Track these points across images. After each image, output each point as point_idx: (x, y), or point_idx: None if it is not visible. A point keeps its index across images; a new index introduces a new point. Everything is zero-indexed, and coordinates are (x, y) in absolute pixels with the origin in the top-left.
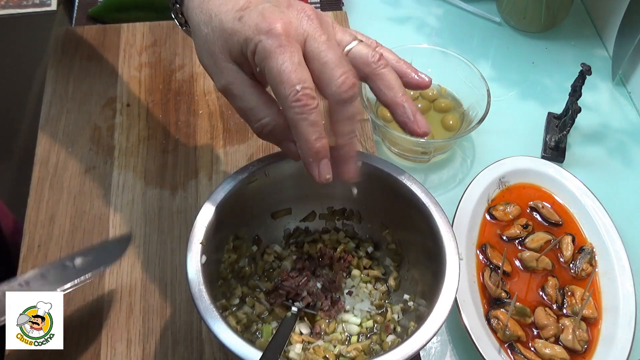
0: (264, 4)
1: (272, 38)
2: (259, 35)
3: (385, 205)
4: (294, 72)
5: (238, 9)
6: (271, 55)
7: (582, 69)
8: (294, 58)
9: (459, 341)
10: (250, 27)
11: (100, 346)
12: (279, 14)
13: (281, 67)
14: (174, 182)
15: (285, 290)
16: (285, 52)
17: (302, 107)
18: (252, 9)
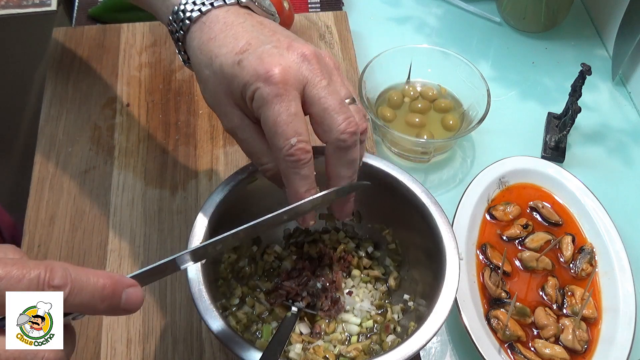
0: (263, 46)
1: (270, 86)
2: (257, 82)
3: (385, 205)
4: (290, 123)
5: (237, 51)
6: (268, 104)
7: (582, 69)
8: (291, 109)
9: (459, 341)
10: (248, 72)
11: (100, 346)
12: (278, 57)
13: (277, 118)
14: (174, 182)
15: (285, 290)
16: (282, 101)
17: (295, 162)
18: (252, 52)
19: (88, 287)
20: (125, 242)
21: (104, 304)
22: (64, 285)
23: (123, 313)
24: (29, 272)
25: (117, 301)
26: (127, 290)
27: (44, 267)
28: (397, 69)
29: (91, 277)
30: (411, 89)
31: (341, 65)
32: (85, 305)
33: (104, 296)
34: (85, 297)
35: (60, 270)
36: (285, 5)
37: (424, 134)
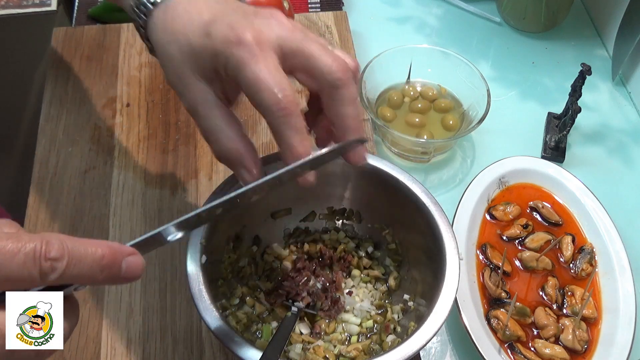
0: (230, 16)
1: (244, 48)
2: (230, 48)
3: (385, 205)
4: (272, 78)
5: (204, 24)
6: (245, 66)
7: (582, 69)
8: (269, 65)
9: (459, 341)
10: (219, 40)
11: (100, 346)
12: (247, 23)
13: (258, 75)
14: (173, 182)
15: (285, 290)
16: (259, 60)
17: (286, 115)
18: (219, 22)
19: (86, 258)
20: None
21: (103, 274)
22: (61, 258)
23: (124, 281)
24: (24, 246)
25: (117, 270)
26: (127, 259)
27: (39, 240)
28: (397, 69)
29: (89, 247)
30: (411, 89)
31: None
32: (84, 276)
33: (103, 266)
34: (83, 268)
35: (56, 242)
36: (285, 5)
37: (424, 134)
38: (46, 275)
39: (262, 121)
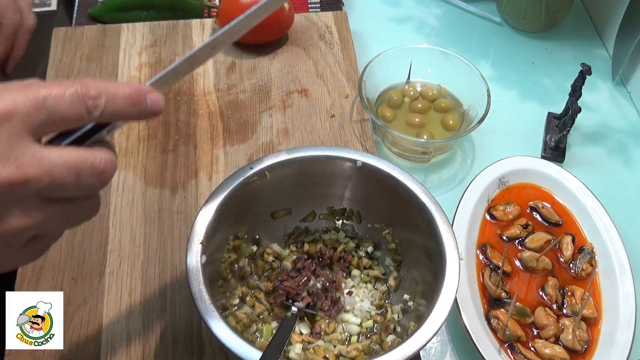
0: None
1: None
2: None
3: (385, 205)
4: None
5: None
6: None
7: (582, 69)
8: None
9: (459, 341)
10: None
11: (100, 346)
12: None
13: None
14: (174, 182)
15: (285, 290)
16: None
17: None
18: None
19: (119, 95)
20: (125, 242)
21: (135, 109)
22: (99, 96)
23: (151, 116)
24: (67, 89)
25: (145, 105)
26: (149, 95)
27: (78, 84)
28: (397, 69)
29: (118, 87)
30: (411, 89)
31: (341, 65)
32: (120, 112)
33: (133, 102)
34: (118, 104)
35: (92, 83)
36: (285, 5)
37: (424, 134)
38: (91, 112)
39: (262, 121)
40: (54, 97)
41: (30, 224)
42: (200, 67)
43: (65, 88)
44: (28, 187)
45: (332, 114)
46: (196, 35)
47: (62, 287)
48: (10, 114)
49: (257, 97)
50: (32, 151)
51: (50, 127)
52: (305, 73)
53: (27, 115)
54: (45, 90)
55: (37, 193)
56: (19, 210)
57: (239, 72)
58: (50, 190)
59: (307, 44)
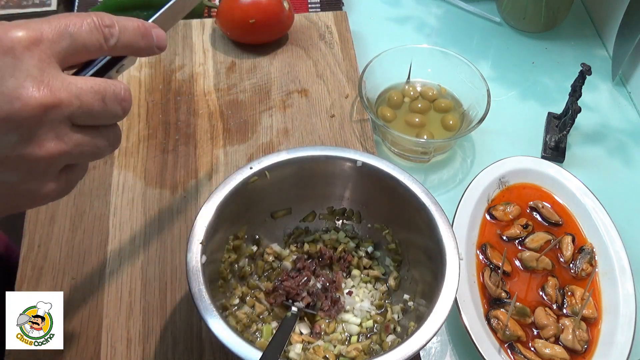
0: None
1: None
2: None
3: (385, 205)
4: None
5: None
6: None
7: (582, 69)
8: None
9: (459, 341)
10: None
11: (100, 346)
12: None
13: None
14: (174, 182)
15: (285, 290)
16: None
17: None
18: None
19: (129, 26)
20: (125, 242)
21: (143, 41)
22: (113, 25)
23: (157, 51)
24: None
25: (151, 39)
26: (154, 30)
27: (93, 14)
28: (397, 69)
29: (127, 19)
30: (411, 89)
31: (341, 65)
32: (131, 43)
33: (142, 33)
34: (129, 35)
35: (104, 14)
36: (285, 5)
37: (424, 134)
38: (108, 40)
39: (262, 121)
40: (74, 24)
41: (65, 149)
42: (200, 66)
43: (83, 17)
44: (61, 110)
45: (332, 114)
46: (196, 35)
47: (62, 287)
48: (39, 40)
49: (257, 97)
50: (61, 77)
51: (73, 56)
52: (305, 73)
53: (53, 42)
54: (65, 19)
55: (68, 118)
56: (54, 135)
57: (239, 72)
58: (80, 115)
59: (307, 44)
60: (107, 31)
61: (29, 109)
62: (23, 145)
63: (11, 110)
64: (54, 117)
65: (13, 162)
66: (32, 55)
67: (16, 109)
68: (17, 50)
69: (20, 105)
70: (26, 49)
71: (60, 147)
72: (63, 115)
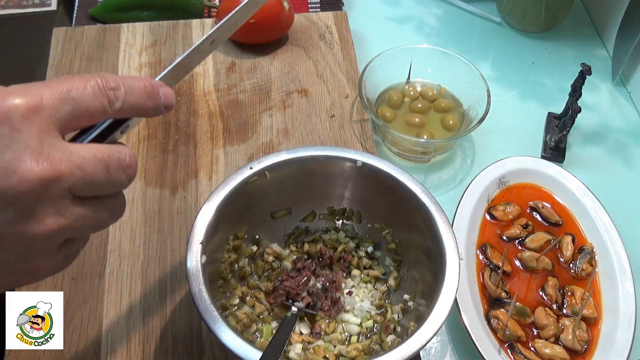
0: None
1: None
2: None
3: (385, 205)
4: None
5: None
6: None
7: (582, 69)
8: None
9: (459, 341)
10: None
11: (100, 346)
12: None
13: None
14: (174, 182)
15: (285, 290)
16: None
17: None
18: None
19: (135, 87)
20: (125, 242)
21: (150, 102)
22: (118, 87)
23: (164, 111)
24: (88, 81)
25: (159, 99)
26: (161, 89)
27: (97, 76)
28: (397, 69)
29: (133, 79)
30: (411, 89)
31: (341, 65)
32: (138, 104)
33: (148, 94)
34: (136, 96)
35: (109, 75)
36: (285, 5)
37: (424, 134)
38: (113, 103)
39: (262, 121)
40: (77, 89)
41: (65, 225)
42: (199, 66)
43: (86, 80)
44: (61, 183)
45: (332, 114)
46: (196, 36)
47: (62, 287)
48: (39, 107)
49: (257, 97)
50: (62, 147)
51: (75, 122)
52: (305, 73)
53: (54, 108)
54: (67, 83)
55: (69, 190)
56: (53, 210)
57: (239, 72)
58: (82, 186)
59: (307, 44)
60: (112, 94)
61: (26, 183)
62: (21, 223)
63: (7, 185)
64: (54, 191)
65: (9, 240)
66: (31, 125)
67: (13, 184)
68: (14, 120)
69: (17, 180)
70: (25, 118)
71: (60, 222)
72: (64, 188)
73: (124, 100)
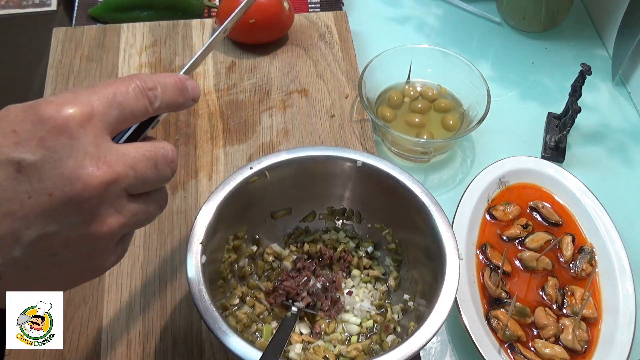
0: None
1: None
2: None
3: (385, 205)
4: None
5: None
6: None
7: (582, 69)
8: None
9: (459, 341)
10: None
11: (100, 346)
12: None
13: None
14: (174, 182)
15: (285, 290)
16: None
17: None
18: None
19: (168, 85)
20: None
21: (182, 96)
22: (156, 87)
23: (192, 103)
24: (129, 84)
25: (188, 93)
26: (188, 82)
27: (136, 78)
28: (397, 69)
29: (165, 77)
30: (411, 89)
31: (341, 65)
32: (172, 101)
33: (179, 89)
34: (170, 93)
35: (147, 77)
36: (285, 5)
37: (424, 134)
38: (153, 103)
39: (262, 121)
40: (121, 93)
41: (124, 222)
42: (199, 66)
43: (127, 83)
44: (119, 184)
45: (332, 114)
46: (196, 36)
47: None
48: (91, 115)
49: (257, 97)
50: (115, 150)
51: (122, 124)
52: (305, 73)
53: (104, 114)
54: (112, 88)
55: (125, 190)
56: (113, 210)
57: (239, 72)
58: (135, 185)
59: (307, 44)
60: (152, 94)
61: (90, 188)
62: (86, 225)
63: (73, 191)
64: (113, 192)
65: (76, 243)
66: (87, 133)
67: (78, 190)
68: (72, 129)
69: (81, 186)
70: (80, 126)
71: (120, 220)
72: (121, 188)
73: (161, 99)
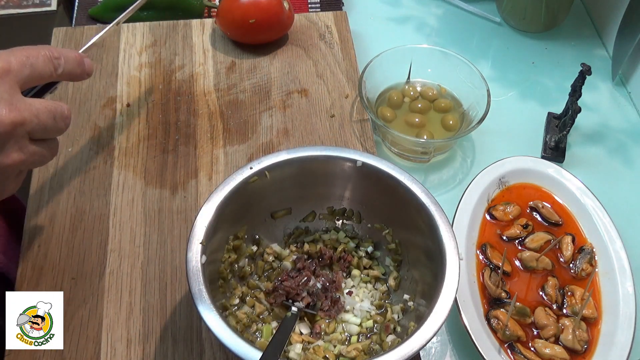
0: None
1: None
2: None
3: (385, 205)
4: None
5: None
6: None
7: (582, 69)
8: None
9: (459, 341)
10: None
11: (100, 346)
12: None
13: None
14: (174, 182)
15: (285, 290)
16: None
17: None
18: None
19: (70, 57)
20: (125, 242)
21: (79, 69)
22: (60, 57)
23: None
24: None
25: (84, 67)
26: (85, 60)
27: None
28: (397, 69)
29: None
30: (411, 89)
31: (341, 65)
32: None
33: (78, 62)
34: (71, 64)
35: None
36: (285, 5)
37: (424, 134)
38: (57, 69)
39: (262, 121)
40: (33, 57)
41: (24, 159)
42: (200, 67)
43: (38, 50)
44: (25, 127)
45: (332, 114)
46: (196, 36)
47: (62, 287)
48: (9, 70)
49: (257, 97)
50: (23, 100)
51: (31, 82)
52: (305, 73)
53: (18, 71)
54: (26, 52)
55: (27, 133)
56: (17, 147)
57: (239, 72)
58: (37, 130)
59: (307, 44)
60: (57, 62)
61: (1, 125)
62: None
63: None
64: (19, 132)
65: None
66: (3, 83)
67: None
68: None
69: None
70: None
71: (21, 157)
72: (25, 130)
73: (64, 67)
